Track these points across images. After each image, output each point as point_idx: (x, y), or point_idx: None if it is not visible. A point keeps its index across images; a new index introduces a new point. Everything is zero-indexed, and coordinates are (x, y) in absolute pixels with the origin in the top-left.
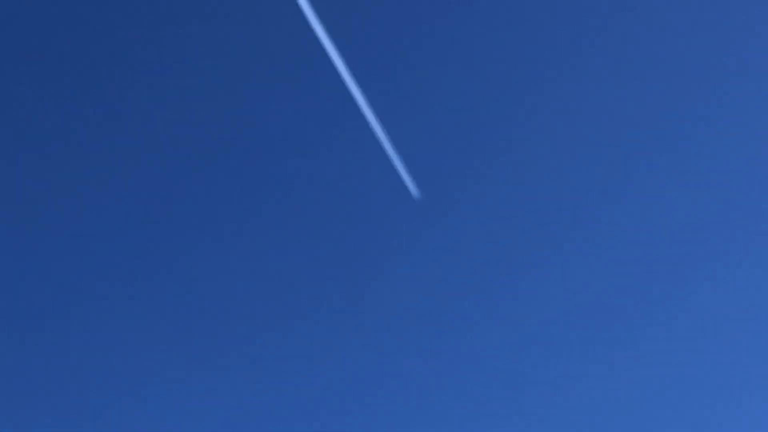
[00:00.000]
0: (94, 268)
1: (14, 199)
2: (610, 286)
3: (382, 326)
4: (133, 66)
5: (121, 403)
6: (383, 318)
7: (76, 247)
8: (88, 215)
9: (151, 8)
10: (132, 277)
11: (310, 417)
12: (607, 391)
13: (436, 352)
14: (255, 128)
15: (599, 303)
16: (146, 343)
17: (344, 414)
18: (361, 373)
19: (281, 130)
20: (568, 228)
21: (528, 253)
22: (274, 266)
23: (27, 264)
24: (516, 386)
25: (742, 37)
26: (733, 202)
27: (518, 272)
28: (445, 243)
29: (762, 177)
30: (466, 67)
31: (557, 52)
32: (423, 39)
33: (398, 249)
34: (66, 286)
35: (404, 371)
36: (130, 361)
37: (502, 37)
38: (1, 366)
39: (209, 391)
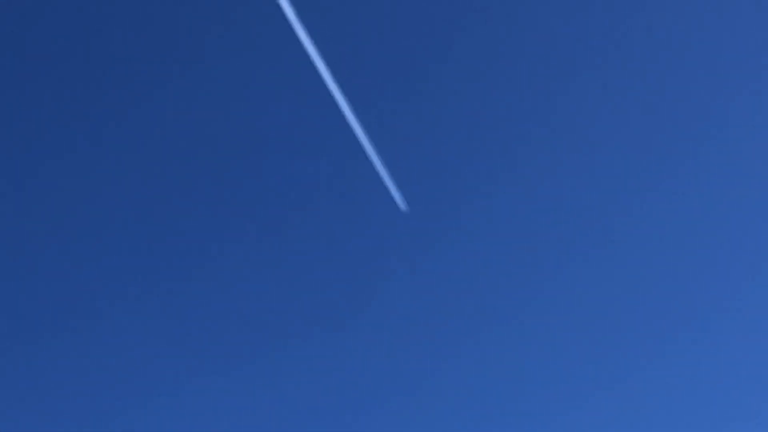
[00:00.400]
0: (95, 270)
1: (19, 201)
2: (605, 291)
3: (369, 336)
4: (128, 68)
5: (127, 407)
6: (371, 328)
7: (79, 249)
8: (87, 219)
9: (142, 11)
10: (129, 282)
11: (306, 418)
12: (603, 397)
13: (424, 360)
14: (241, 141)
15: (591, 309)
16: (148, 347)
17: (338, 417)
18: (352, 378)
19: (267, 143)
20: (557, 237)
21: (516, 265)
22: (262, 275)
23: (34, 266)
24: (511, 389)
25: (743, 37)
26: (739, 204)
27: (507, 283)
28: (432, 255)
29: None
30: (454, 80)
31: (549, 60)
32: (411, 52)
33: (386, 261)
34: (69, 288)
35: (391, 376)
36: (134, 364)
37: (491, 47)
38: (4, 366)
39: (209, 393)
